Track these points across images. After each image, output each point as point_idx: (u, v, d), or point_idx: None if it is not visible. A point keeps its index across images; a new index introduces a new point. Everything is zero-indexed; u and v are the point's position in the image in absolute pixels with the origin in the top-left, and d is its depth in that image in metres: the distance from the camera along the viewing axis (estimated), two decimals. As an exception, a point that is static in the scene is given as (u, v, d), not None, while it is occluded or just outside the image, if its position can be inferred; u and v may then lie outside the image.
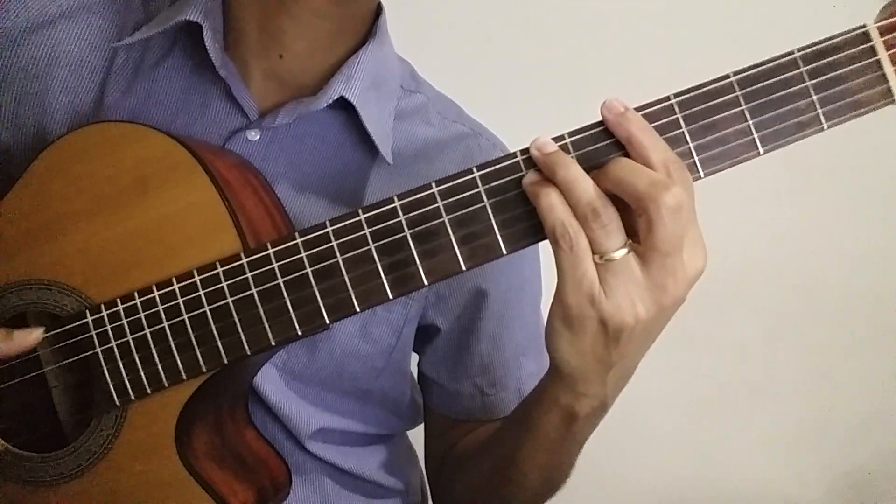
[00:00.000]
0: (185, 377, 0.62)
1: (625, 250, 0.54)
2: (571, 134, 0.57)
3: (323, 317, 0.60)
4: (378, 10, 0.79)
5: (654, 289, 0.55)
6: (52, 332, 0.65)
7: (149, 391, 0.63)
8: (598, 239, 0.54)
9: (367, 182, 0.77)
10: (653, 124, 0.56)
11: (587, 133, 0.57)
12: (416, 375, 0.91)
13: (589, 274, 0.55)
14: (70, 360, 0.65)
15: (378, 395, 0.83)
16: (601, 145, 0.57)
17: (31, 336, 0.64)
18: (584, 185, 0.54)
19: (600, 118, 0.56)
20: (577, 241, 0.54)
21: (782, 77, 0.56)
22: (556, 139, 0.57)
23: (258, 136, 0.74)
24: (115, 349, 0.63)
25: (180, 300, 0.61)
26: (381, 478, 0.85)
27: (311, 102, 0.73)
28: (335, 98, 0.73)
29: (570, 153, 0.56)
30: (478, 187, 0.58)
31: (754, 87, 0.56)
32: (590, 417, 0.65)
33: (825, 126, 0.56)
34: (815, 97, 0.56)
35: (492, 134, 0.86)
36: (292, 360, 0.75)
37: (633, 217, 0.55)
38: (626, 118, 0.55)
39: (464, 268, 0.58)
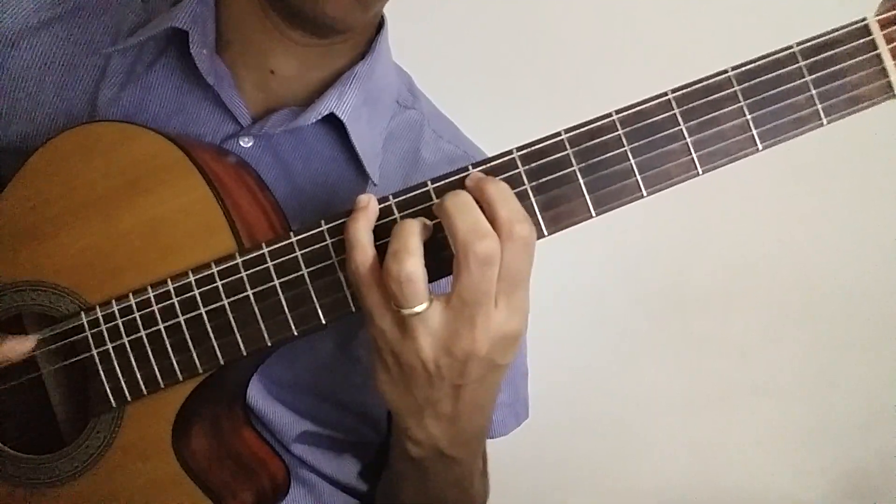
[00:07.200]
0: (181, 378, 0.62)
1: (425, 304, 0.54)
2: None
3: (319, 317, 0.60)
4: (380, 24, 0.78)
5: (447, 333, 0.55)
6: (48, 334, 0.64)
7: (145, 392, 0.62)
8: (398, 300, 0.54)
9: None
10: (649, 121, 0.56)
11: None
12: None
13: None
14: (66, 362, 0.65)
15: (358, 408, 0.81)
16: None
17: (25, 344, 0.64)
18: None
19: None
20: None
21: (781, 72, 0.56)
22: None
23: (251, 143, 0.73)
24: (111, 351, 0.62)
25: (175, 300, 0.61)
26: (360, 486, 0.84)
27: (301, 116, 0.72)
28: (325, 114, 0.72)
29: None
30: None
31: (753, 82, 0.56)
32: (435, 464, 0.65)
33: (825, 121, 0.56)
34: (814, 92, 0.55)
35: (484, 155, 0.84)
36: (272, 367, 0.74)
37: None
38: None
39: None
